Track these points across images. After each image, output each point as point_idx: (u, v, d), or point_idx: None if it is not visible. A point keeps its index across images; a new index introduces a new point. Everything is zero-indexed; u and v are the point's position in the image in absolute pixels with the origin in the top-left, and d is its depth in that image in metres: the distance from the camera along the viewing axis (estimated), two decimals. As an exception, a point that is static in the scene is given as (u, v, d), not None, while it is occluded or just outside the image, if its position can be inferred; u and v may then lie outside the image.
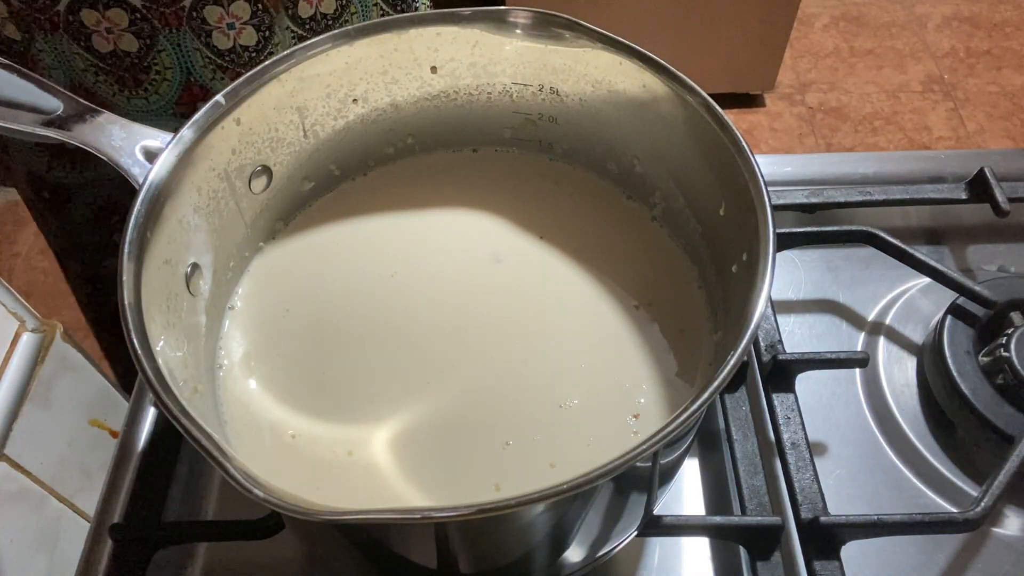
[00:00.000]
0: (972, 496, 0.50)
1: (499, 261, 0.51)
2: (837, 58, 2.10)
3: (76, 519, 0.63)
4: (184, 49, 0.59)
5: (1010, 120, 1.95)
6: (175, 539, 0.49)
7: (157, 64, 0.60)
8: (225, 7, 0.58)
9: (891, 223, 0.64)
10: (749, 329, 0.35)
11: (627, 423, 0.44)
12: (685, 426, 0.33)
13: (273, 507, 0.30)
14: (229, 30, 0.59)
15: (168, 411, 0.33)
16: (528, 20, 0.47)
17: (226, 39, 0.60)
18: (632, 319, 0.48)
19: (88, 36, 0.57)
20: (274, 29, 0.61)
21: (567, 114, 0.52)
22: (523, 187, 0.55)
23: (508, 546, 0.40)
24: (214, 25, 0.59)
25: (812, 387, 0.56)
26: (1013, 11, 2.20)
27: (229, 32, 0.59)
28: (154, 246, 0.39)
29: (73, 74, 0.60)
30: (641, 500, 0.42)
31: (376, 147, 0.54)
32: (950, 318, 0.55)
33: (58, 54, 0.58)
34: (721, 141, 0.42)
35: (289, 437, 0.44)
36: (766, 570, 0.45)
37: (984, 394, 0.52)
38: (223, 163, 0.45)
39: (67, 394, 0.65)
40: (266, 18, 0.60)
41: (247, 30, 0.60)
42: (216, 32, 0.59)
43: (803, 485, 0.48)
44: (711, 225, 0.47)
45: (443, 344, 0.48)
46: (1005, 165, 0.65)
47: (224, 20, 0.59)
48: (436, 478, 0.42)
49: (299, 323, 0.48)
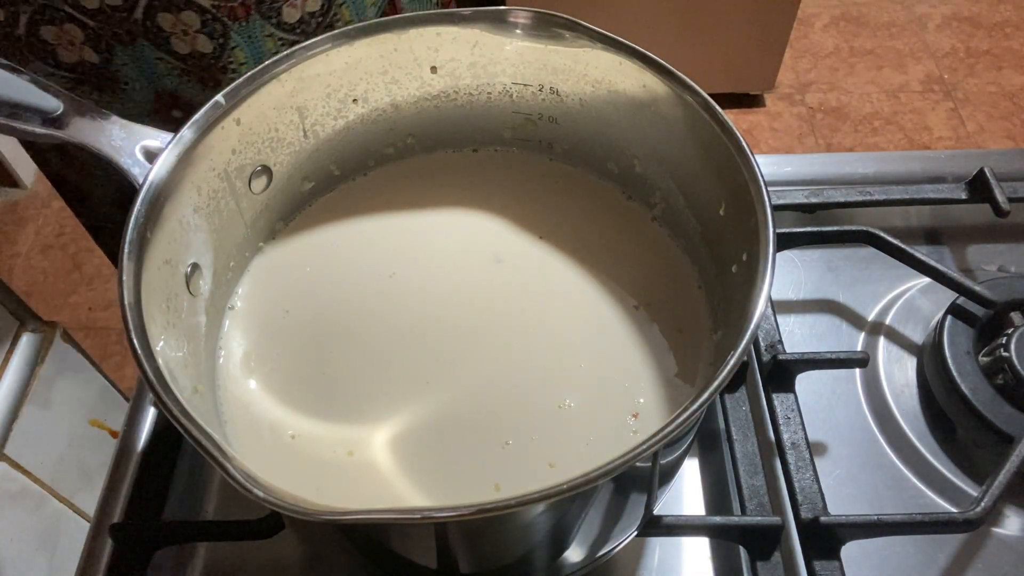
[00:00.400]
0: (972, 496, 0.50)
1: (499, 261, 0.51)
2: (837, 58, 2.10)
3: (76, 519, 0.63)
4: (255, 39, 0.59)
5: (1010, 120, 1.95)
6: (175, 539, 0.49)
7: (232, 61, 0.60)
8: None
9: (891, 223, 0.64)
10: (749, 329, 0.35)
11: (627, 423, 0.44)
12: (685, 426, 0.33)
13: (273, 507, 0.30)
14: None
15: (168, 411, 0.33)
16: (528, 20, 0.47)
17: (294, 11, 0.60)
18: (632, 319, 0.48)
19: (167, 39, 0.58)
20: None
21: (567, 114, 0.52)
22: (523, 187, 0.55)
23: (508, 546, 0.40)
24: (283, 1, 0.60)
25: (812, 387, 0.56)
26: (1013, 11, 2.20)
27: (295, 7, 0.60)
28: (154, 246, 0.39)
29: (156, 80, 0.60)
30: (641, 500, 0.42)
31: (376, 147, 0.54)
32: (950, 318, 0.55)
33: (139, 63, 0.59)
34: (721, 141, 0.42)
35: (289, 437, 0.44)
36: (766, 570, 0.45)
37: (984, 394, 0.52)
38: (223, 163, 0.45)
39: (67, 394, 0.65)
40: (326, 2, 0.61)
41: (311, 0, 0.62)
42: (286, 7, 0.60)
43: (803, 485, 0.48)
44: (711, 225, 0.47)
45: (443, 344, 0.48)
46: (1005, 165, 0.65)
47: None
48: (436, 478, 0.42)
49: (299, 323, 0.48)
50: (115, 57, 0.58)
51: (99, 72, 0.59)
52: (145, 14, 0.56)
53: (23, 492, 0.58)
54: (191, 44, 0.58)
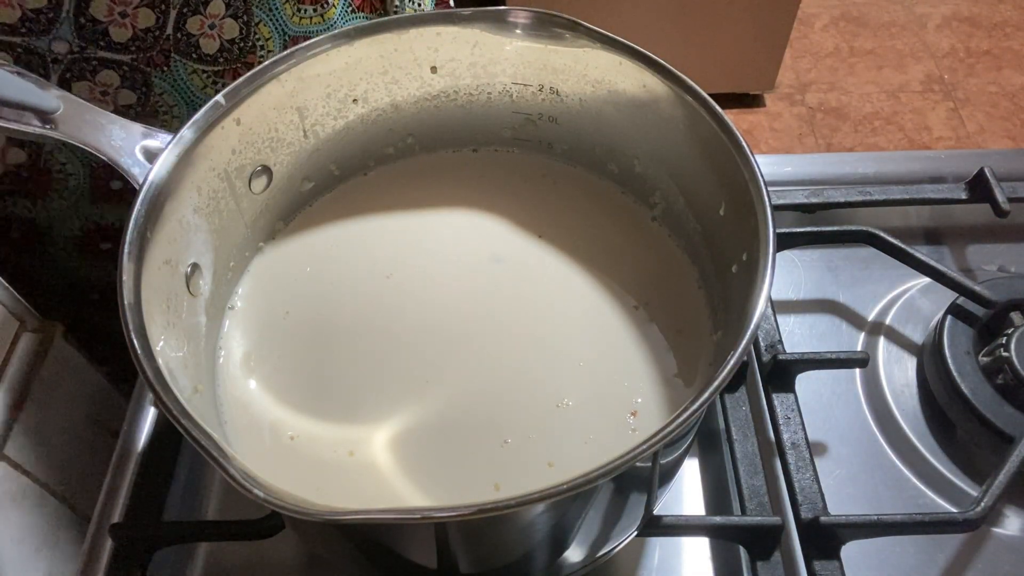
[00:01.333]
0: (972, 496, 0.50)
1: (499, 261, 0.51)
2: (837, 58, 2.10)
3: (76, 519, 0.63)
4: (276, 16, 0.59)
5: (1010, 120, 1.95)
6: (175, 539, 0.49)
7: (259, 38, 0.60)
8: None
9: (891, 223, 0.64)
10: (749, 329, 0.35)
11: (626, 421, 0.44)
12: (685, 426, 0.33)
13: (273, 507, 0.30)
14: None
15: (168, 411, 0.33)
16: (528, 20, 0.47)
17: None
18: (631, 319, 0.48)
19: (196, 45, 0.57)
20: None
21: (567, 114, 0.52)
22: (523, 187, 0.55)
23: (508, 546, 0.40)
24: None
25: (812, 387, 0.56)
26: (1013, 11, 2.20)
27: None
28: (154, 246, 0.39)
29: (193, 98, 0.60)
30: (641, 500, 0.42)
31: (376, 147, 0.54)
32: (950, 318, 0.55)
33: (177, 85, 0.58)
34: (721, 141, 0.42)
35: (289, 437, 0.44)
36: (766, 570, 0.45)
37: (984, 394, 0.52)
38: (223, 163, 0.45)
39: (67, 394, 0.64)
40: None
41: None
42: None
43: (803, 485, 0.48)
44: (711, 225, 0.47)
45: (443, 343, 0.48)
46: (1005, 165, 0.65)
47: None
48: (435, 478, 0.42)
49: (299, 323, 0.49)
50: (153, 88, 0.58)
51: (136, 115, 0.59)
52: (176, 26, 0.56)
53: (23, 492, 0.58)
54: (219, 36, 0.58)
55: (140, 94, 0.58)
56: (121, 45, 0.55)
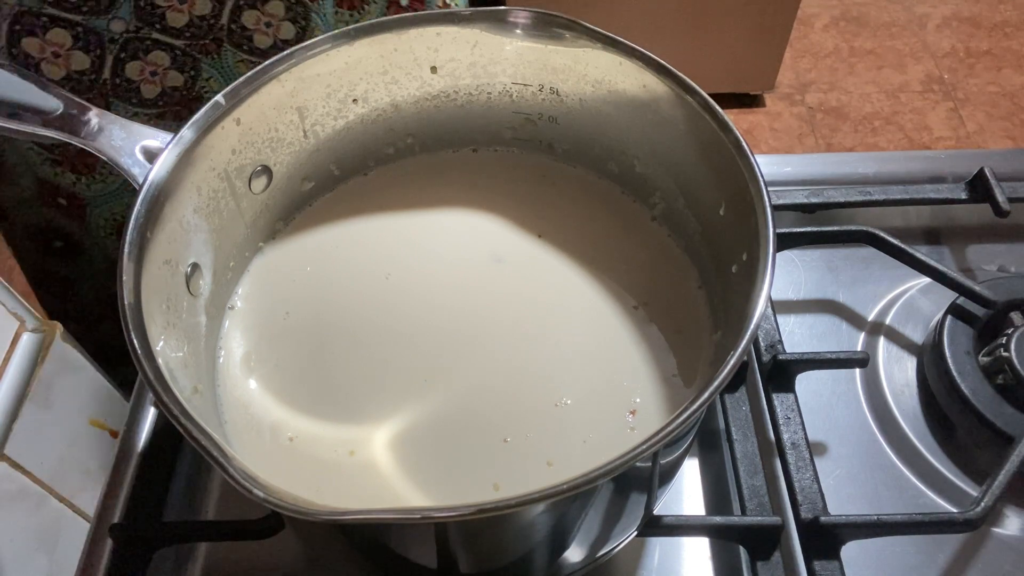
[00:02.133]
0: (972, 496, 0.50)
1: (499, 261, 0.51)
2: (837, 58, 2.10)
3: (76, 519, 0.63)
4: (327, 23, 0.59)
5: (1010, 120, 1.95)
6: (175, 539, 0.49)
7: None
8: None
9: (891, 223, 0.64)
10: (749, 329, 0.35)
11: (625, 420, 0.44)
12: (685, 426, 0.33)
13: (273, 507, 0.30)
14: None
15: (168, 411, 0.33)
16: (528, 20, 0.47)
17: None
18: (631, 319, 0.48)
19: (250, 38, 0.58)
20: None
21: (567, 114, 0.52)
22: (523, 187, 0.55)
23: (508, 546, 0.40)
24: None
25: (812, 387, 0.56)
26: (1013, 11, 2.20)
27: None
28: (154, 246, 0.39)
29: None
30: (641, 500, 0.42)
31: (376, 147, 0.54)
32: (950, 318, 0.55)
33: (224, 73, 0.59)
34: (721, 141, 0.42)
35: (288, 437, 0.44)
36: (766, 570, 0.45)
37: (984, 394, 0.52)
38: (223, 163, 0.45)
39: (67, 394, 0.65)
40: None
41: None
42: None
43: (803, 485, 0.48)
44: (711, 225, 0.47)
45: (443, 343, 0.48)
46: (1005, 165, 0.65)
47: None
48: (435, 477, 0.42)
49: (299, 323, 0.49)
50: (200, 73, 0.58)
51: (181, 97, 0.60)
52: (231, 17, 0.57)
53: (23, 492, 0.58)
54: (273, 35, 0.59)
55: (188, 77, 0.58)
56: (176, 30, 0.56)
